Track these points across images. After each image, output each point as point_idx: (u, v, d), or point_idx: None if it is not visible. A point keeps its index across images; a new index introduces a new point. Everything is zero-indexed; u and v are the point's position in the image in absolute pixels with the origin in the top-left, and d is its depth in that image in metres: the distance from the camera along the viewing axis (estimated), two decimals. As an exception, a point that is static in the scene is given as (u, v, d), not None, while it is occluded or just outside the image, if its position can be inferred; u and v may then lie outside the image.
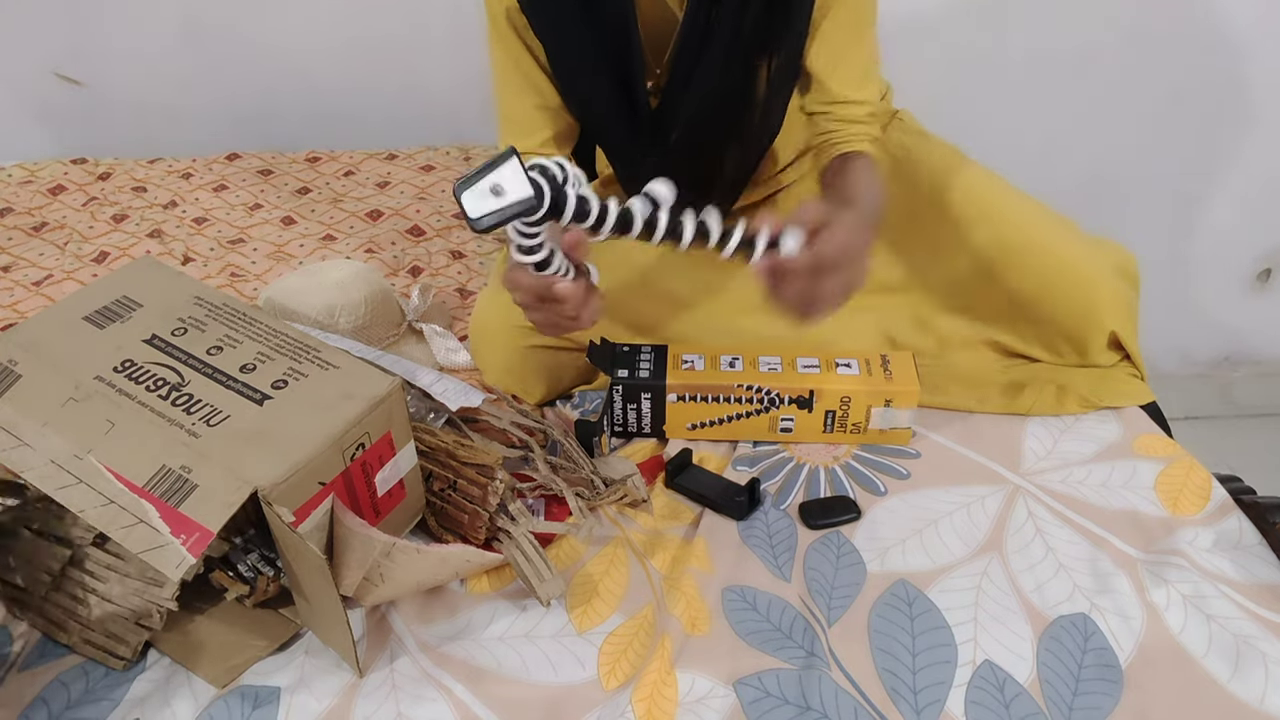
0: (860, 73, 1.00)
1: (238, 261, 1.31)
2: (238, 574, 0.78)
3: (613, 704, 0.75)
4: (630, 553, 0.90)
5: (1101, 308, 1.07)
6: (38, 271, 1.28)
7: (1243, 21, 1.65)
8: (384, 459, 0.81)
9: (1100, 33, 1.65)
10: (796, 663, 0.79)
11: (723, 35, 0.95)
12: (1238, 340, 2.03)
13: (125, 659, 0.77)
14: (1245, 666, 0.80)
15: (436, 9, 1.59)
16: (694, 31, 0.96)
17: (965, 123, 1.30)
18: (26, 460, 0.73)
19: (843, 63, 0.99)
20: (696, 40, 0.96)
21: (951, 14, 1.64)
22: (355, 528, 0.73)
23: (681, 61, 0.98)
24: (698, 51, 0.97)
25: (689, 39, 0.97)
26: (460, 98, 1.61)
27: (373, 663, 0.79)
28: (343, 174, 1.52)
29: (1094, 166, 1.80)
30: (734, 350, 1.03)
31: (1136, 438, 1.04)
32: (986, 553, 0.90)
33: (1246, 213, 1.86)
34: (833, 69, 0.99)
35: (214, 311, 0.86)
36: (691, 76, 0.99)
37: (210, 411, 0.76)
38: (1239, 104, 1.73)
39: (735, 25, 0.95)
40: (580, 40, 0.97)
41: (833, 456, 1.01)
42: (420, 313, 1.17)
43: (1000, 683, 0.78)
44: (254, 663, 0.78)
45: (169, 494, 0.70)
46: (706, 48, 0.97)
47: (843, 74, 0.99)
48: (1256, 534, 0.93)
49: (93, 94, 1.63)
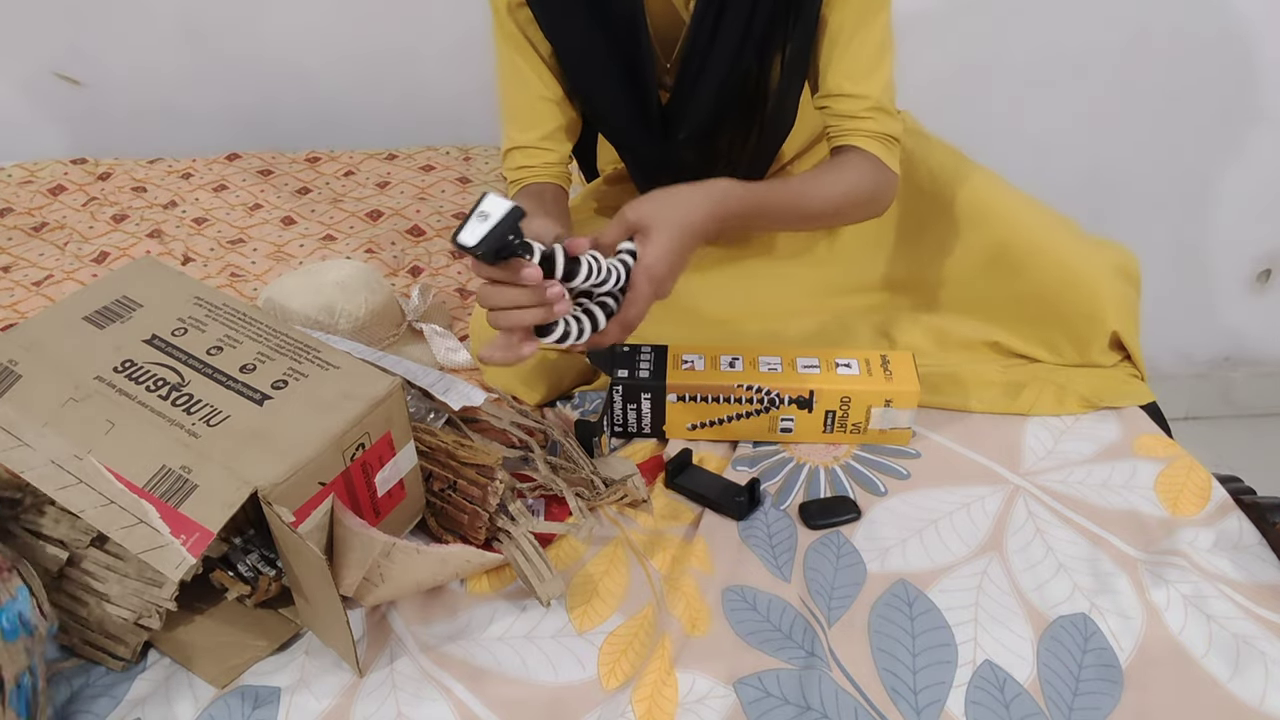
0: (863, 66, 0.97)
1: (238, 261, 1.31)
2: (238, 574, 0.78)
3: (613, 704, 0.75)
4: (630, 553, 0.90)
5: (1103, 308, 1.07)
6: (38, 271, 1.28)
7: (1243, 21, 1.65)
8: (384, 459, 0.81)
9: (1100, 33, 1.65)
10: (796, 663, 0.79)
11: (732, 32, 0.95)
12: (1238, 340, 2.03)
13: (125, 660, 0.77)
14: (1245, 666, 0.80)
15: (438, 9, 1.59)
16: (703, 30, 0.96)
17: (965, 123, 1.30)
18: (26, 460, 0.73)
19: (844, 54, 0.97)
20: (705, 38, 0.96)
21: (952, 14, 1.64)
22: (355, 528, 0.73)
23: (691, 59, 0.98)
24: (707, 49, 0.97)
25: (698, 37, 0.97)
26: (461, 98, 1.61)
27: (373, 663, 0.79)
28: (343, 174, 1.52)
29: (1094, 166, 1.80)
30: (734, 350, 1.03)
31: (1136, 438, 1.04)
32: (986, 553, 0.90)
33: (1246, 213, 1.86)
34: (831, 61, 0.97)
35: (214, 312, 0.86)
36: (701, 74, 0.99)
37: (210, 412, 0.76)
38: (1239, 104, 1.73)
39: (745, 22, 0.95)
40: (590, 40, 0.97)
41: (833, 456, 1.01)
42: (420, 313, 1.17)
43: (1000, 683, 0.78)
44: (254, 663, 0.78)
45: (169, 494, 0.71)
46: (715, 45, 0.96)
47: (845, 66, 0.97)
48: (1256, 534, 0.93)
49: (93, 94, 1.63)
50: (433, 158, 1.56)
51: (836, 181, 0.96)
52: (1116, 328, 1.08)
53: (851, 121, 0.98)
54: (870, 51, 0.97)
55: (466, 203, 1.44)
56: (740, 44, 0.96)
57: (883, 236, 1.18)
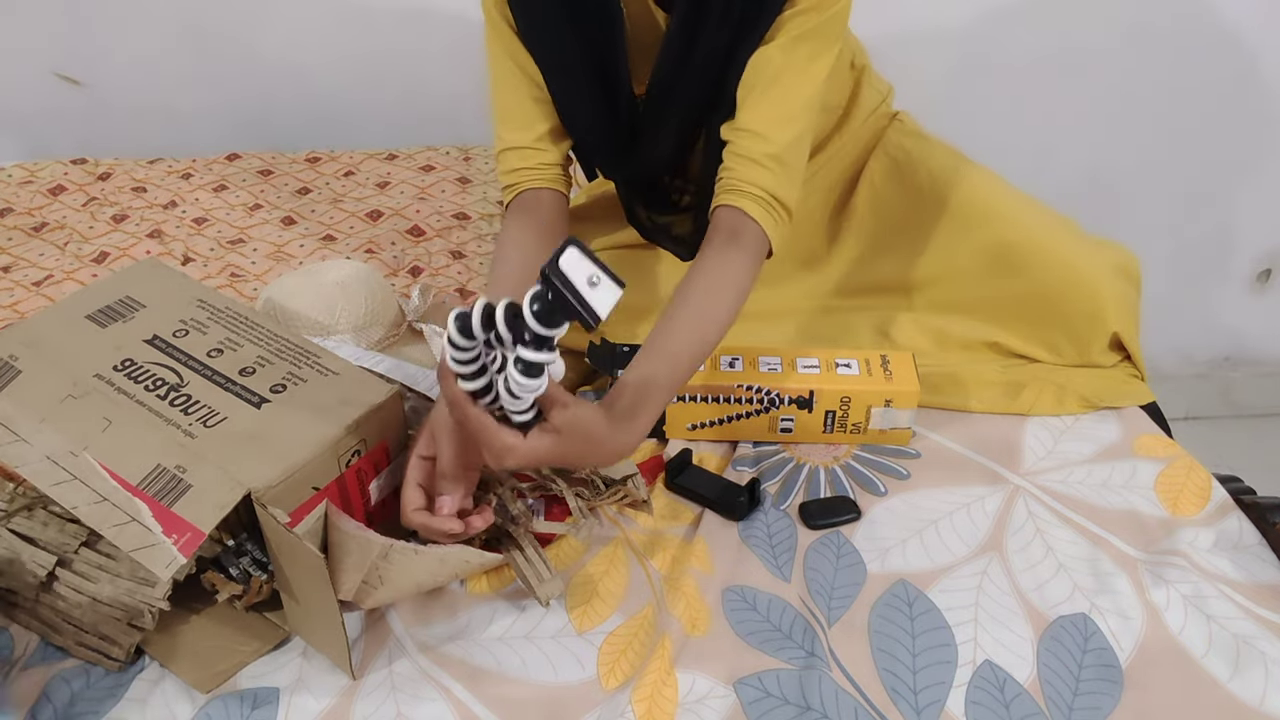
0: (778, 113, 0.90)
1: (238, 262, 1.31)
2: (229, 576, 0.78)
3: (612, 704, 0.75)
4: (630, 553, 0.90)
5: (1103, 308, 1.07)
6: (38, 272, 1.28)
7: (1243, 21, 1.65)
8: (379, 467, 0.81)
9: (1100, 33, 1.65)
10: (796, 663, 0.79)
11: (704, 46, 0.93)
12: (1238, 340, 2.04)
13: (119, 660, 0.77)
14: (1245, 666, 0.80)
15: (437, 9, 1.59)
16: (677, 42, 0.94)
17: (965, 123, 1.30)
18: (22, 456, 0.74)
19: (766, 94, 0.90)
20: (680, 49, 0.94)
21: (952, 15, 1.64)
22: (351, 530, 0.73)
23: (665, 71, 0.96)
24: (681, 62, 0.95)
25: (670, 49, 0.94)
26: (461, 98, 1.61)
27: (372, 663, 0.79)
28: (343, 174, 1.52)
29: (1094, 166, 1.80)
30: (734, 350, 1.02)
31: (1136, 438, 1.04)
32: (986, 553, 0.90)
33: (1246, 213, 1.86)
34: (751, 93, 0.91)
35: (216, 314, 0.86)
36: (675, 86, 0.96)
37: (208, 413, 0.76)
38: (1239, 104, 1.73)
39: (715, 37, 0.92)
40: (566, 44, 0.96)
41: (833, 457, 1.01)
42: (420, 313, 1.17)
43: (1000, 683, 0.78)
44: (240, 669, 0.77)
45: (162, 493, 0.70)
46: (689, 58, 0.94)
47: (762, 108, 0.90)
48: (1256, 534, 0.93)
49: (93, 94, 1.63)
50: (433, 158, 1.56)
51: (726, 305, 0.88)
52: (1117, 328, 1.08)
53: (748, 168, 0.90)
54: (792, 103, 0.91)
55: (467, 203, 1.44)
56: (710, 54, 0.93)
57: (882, 237, 1.18)
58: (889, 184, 1.18)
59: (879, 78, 1.20)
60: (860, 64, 1.15)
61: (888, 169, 1.18)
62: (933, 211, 1.14)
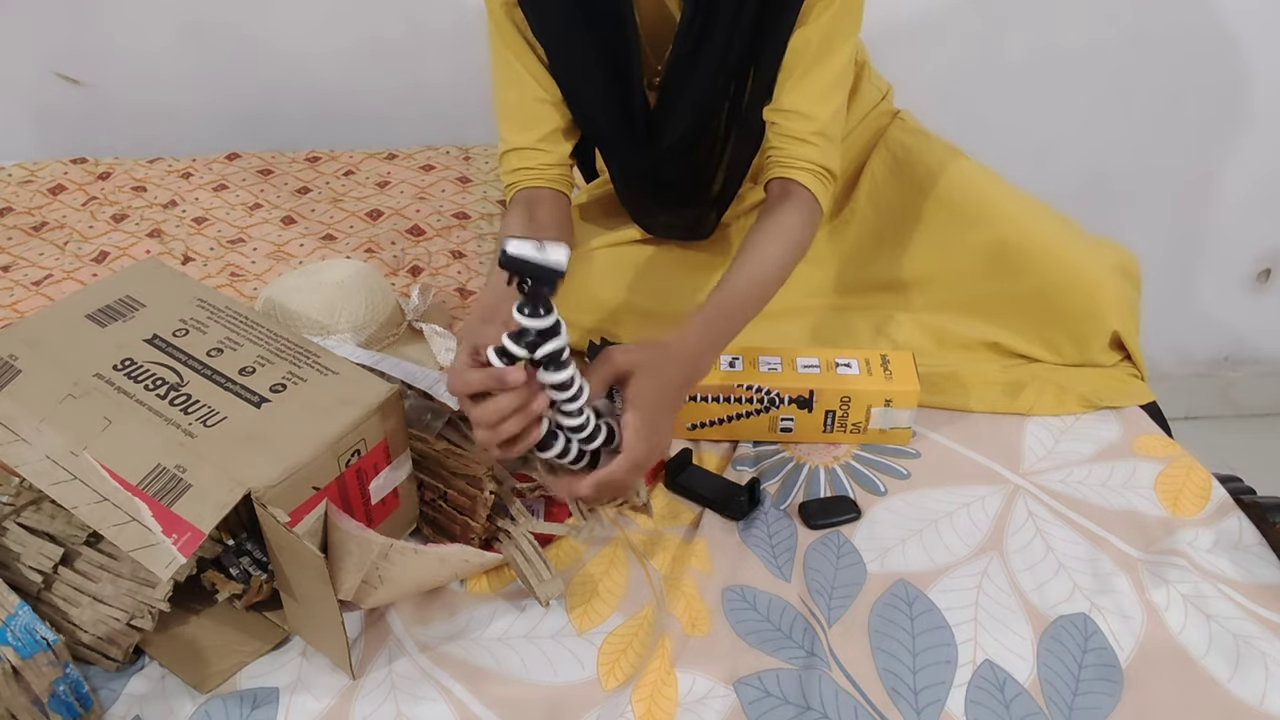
0: (818, 89, 0.97)
1: (238, 261, 1.31)
2: (229, 576, 0.78)
3: (612, 704, 0.75)
4: (630, 553, 0.90)
5: (1104, 307, 1.07)
6: (38, 271, 1.28)
7: (1243, 21, 1.65)
8: (379, 467, 0.81)
9: (1100, 33, 1.65)
10: (796, 663, 0.79)
11: (718, 39, 0.95)
12: (1238, 340, 2.03)
13: (117, 660, 0.77)
14: (1245, 666, 0.80)
15: (437, 8, 1.59)
16: (690, 34, 0.95)
17: (965, 122, 1.30)
18: (22, 455, 0.73)
19: (805, 75, 0.96)
20: (693, 43, 0.96)
21: (952, 14, 1.64)
22: (351, 530, 0.73)
23: (678, 64, 0.98)
24: (694, 54, 0.96)
25: (685, 41, 0.96)
26: (461, 97, 1.61)
27: (372, 662, 0.79)
28: (343, 174, 1.52)
29: (1094, 166, 1.80)
30: (734, 350, 1.02)
31: (1136, 438, 1.04)
32: (986, 553, 0.90)
33: (1246, 213, 1.86)
34: (789, 78, 0.96)
35: (216, 314, 0.86)
36: (688, 80, 0.98)
37: (208, 412, 0.76)
38: (1239, 104, 1.73)
39: (729, 28, 0.94)
40: (579, 40, 0.96)
41: (833, 456, 1.01)
42: (420, 313, 1.17)
43: (1000, 683, 0.78)
44: (241, 668, 0.77)
45: (162, 493, 0.70)
46: (702, 50, 0.96)
47: (802, 86, 0.96)
48: (1256, 534, 0.93)
49: (93, 94, 1.63)
50: (433, 157, 1.56)
51: (783, 249, 0.95)
52: (1117, 327, 1.08)
53: (796, 146, 0.97)
54: (829, 78, 0.97)
55: (467, 202, 1.44)
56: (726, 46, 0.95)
57: (883, 236, 1.18)
58: (890, 181, 1.18)
59: (879, 76, 1.20)
60: (860, 60, 1.16)
61: (889, 166, 1.18)
62: (933, 209, 1.14)
